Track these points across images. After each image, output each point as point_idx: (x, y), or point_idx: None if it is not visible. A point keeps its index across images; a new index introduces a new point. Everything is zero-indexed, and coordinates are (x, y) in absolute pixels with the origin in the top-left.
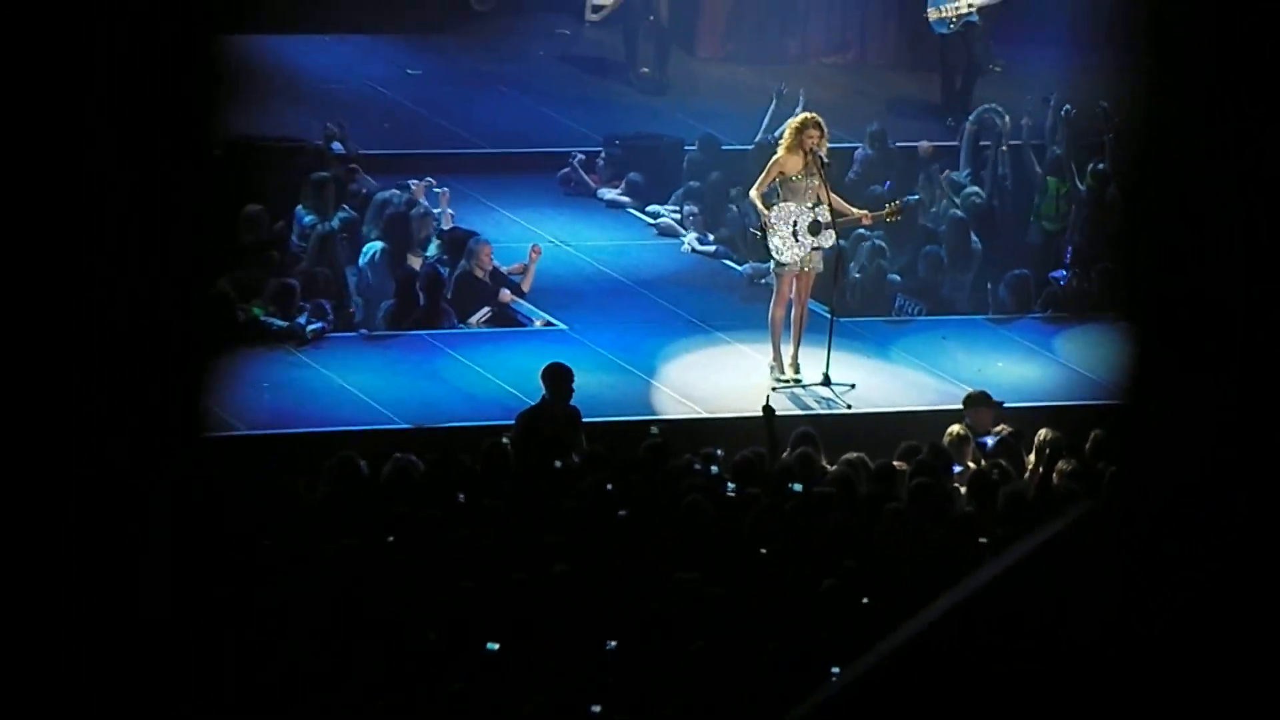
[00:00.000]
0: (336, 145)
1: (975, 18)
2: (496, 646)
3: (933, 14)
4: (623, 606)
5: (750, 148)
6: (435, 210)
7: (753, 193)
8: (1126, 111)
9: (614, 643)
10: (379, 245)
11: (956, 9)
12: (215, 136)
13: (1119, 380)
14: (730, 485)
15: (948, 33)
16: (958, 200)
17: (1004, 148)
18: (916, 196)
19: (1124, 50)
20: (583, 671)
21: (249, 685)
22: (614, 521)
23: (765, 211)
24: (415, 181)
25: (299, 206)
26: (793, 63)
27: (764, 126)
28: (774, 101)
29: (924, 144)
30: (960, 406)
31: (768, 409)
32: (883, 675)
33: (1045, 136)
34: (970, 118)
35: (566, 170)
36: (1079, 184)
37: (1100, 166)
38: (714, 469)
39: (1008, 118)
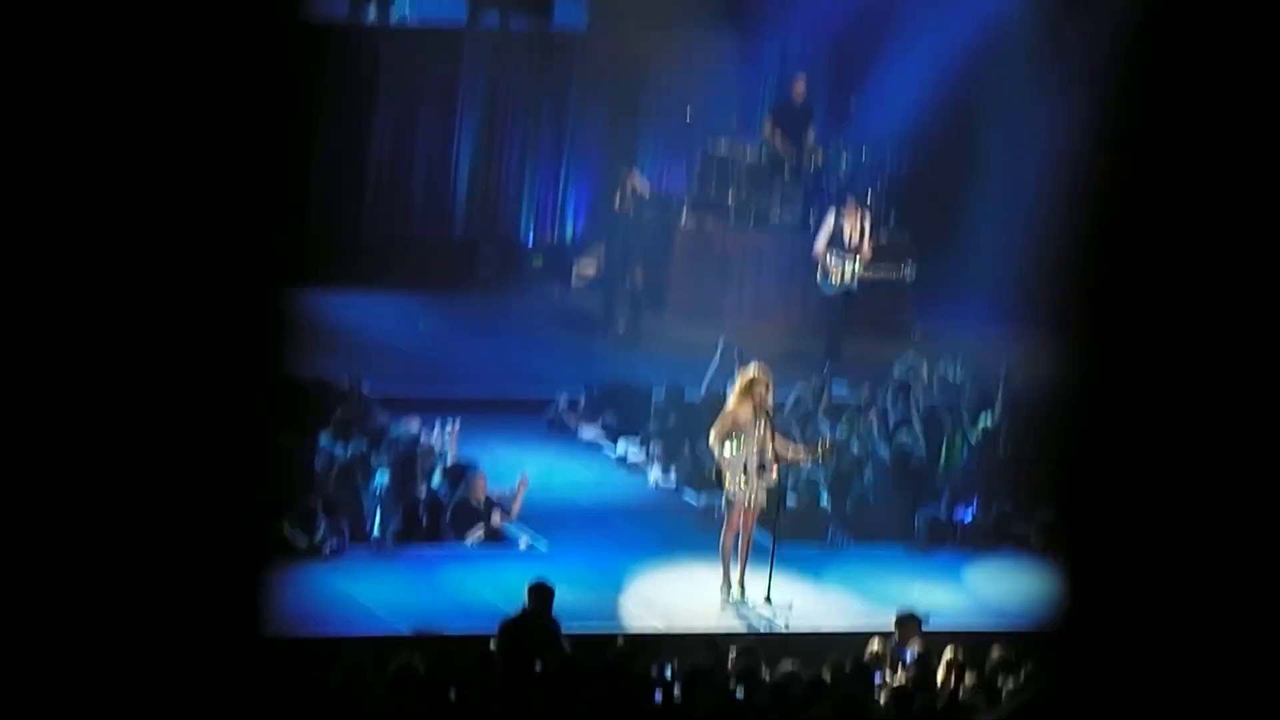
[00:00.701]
0: (354, 387)
1: (856, 288)
2: None
3: (820, 278)
4: None
5: (700, 398)
6: (445, 444)
7: (711, 438)
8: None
9: None
10: (385, 475)
11: (841, 275)
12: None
13: (1028, 608)
14: (678, 689)
15: (830, 294)
16: (887, 442)
17: (917, 397)
18: (840, 434)
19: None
20: None
21: None
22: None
23: (721, 457)
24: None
25: (323, 436)
26: (744, 323)
27: (706, 381)
28: (715, 360)
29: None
30: (883, 625)
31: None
32: None
33: (951, 393)
34: (897, 369)
35: (551, 414)
36: (969, 437)
37: (988, 423)
38: (667, 673)
39: (925, 371)
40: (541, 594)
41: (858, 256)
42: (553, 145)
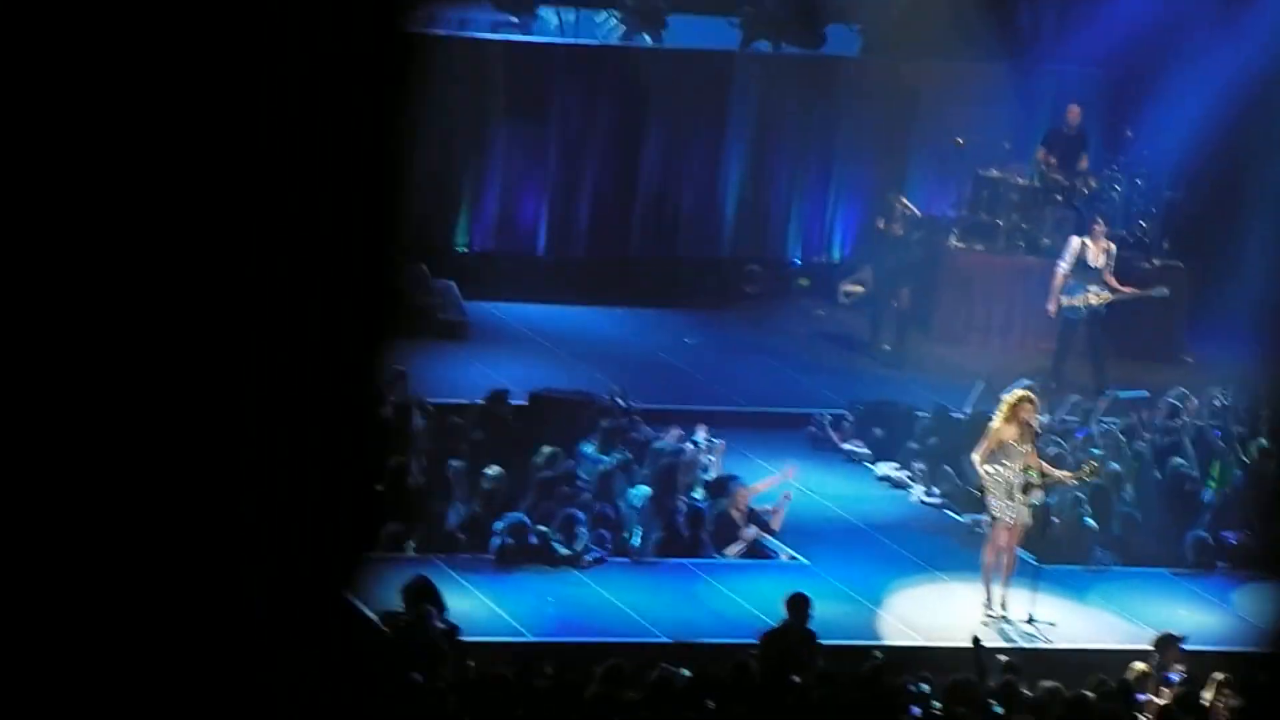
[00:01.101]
0: (620, 400)
1: (1104, 311)
2: None
3: (1064, 300)
4: None
5: (964, 417)
6: (709, 459)
7: (975, 457)
8: None
9: None
10: (647, 490)
11: (1086, 300)
12: None
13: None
14: (936, 704)
15: (1074, 319)
16: (1157, 464)
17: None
18: (1100, 453)
19: None
20: None
21: None
22: None
23: (984, 474)
24: (700, 437)
25: (585, 445)
26: (1011, 347)
27: (972, 400)
28: (981, 383)
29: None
30: (1146, 646)
31: (976, 640)
32: None
33: (1222, 417)
34: (1171, 394)
35: (813, 428)
36: (1243, 457)
37: (1263, 443)
38: (925, 688)
39: (1194, 400)
40: (800, 605)
41: (1099, 281)
42: (821, 166)
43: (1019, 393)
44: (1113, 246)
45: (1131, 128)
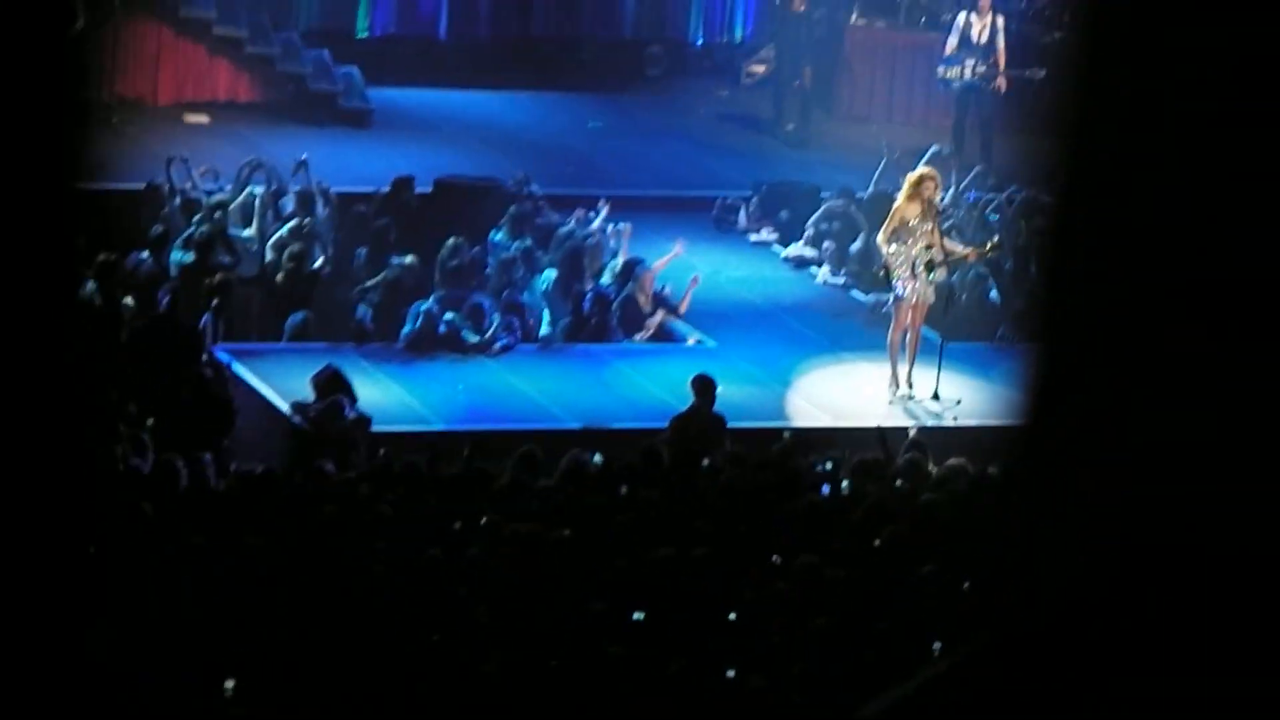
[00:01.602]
0: (525, 186)
1: (983, 85)
2: (642, 616)
3: (940, 71)
4: (752, 585)
5: (866, 195)
6: (615, 243)
7: (879, 237)
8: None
9: (734, 615)
10: (553, 273)
11: (960, 73)
12: None
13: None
14: (845, 483)
15: (955, 91)
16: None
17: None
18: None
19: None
20: (720, 640)
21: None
22: (749, 511)
23: (888, 253)
24: (606, 220)
25: (494, 233)
26: (914, 123)
27: (874, 179)
28: (884, 159)
29: None
30: None
31: (880, 432)
32: None
33: None
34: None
35: (719, 212)
36: None
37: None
38: (830, 466)
39: None
40: (706, 387)
41: (987, 55)
42: None
43: (921, 170)
44: (1000, 20)
45: None
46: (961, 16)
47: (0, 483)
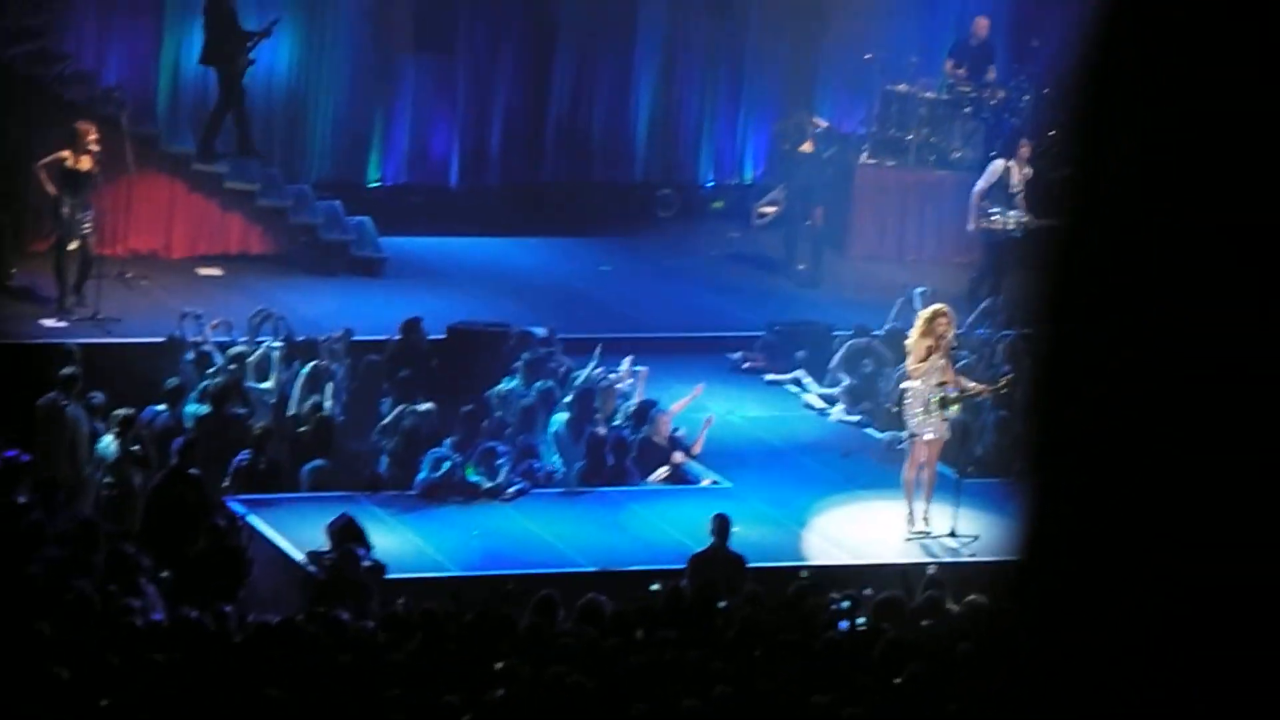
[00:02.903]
0: (539, 330)
1: (1019, 233)
2: None
3: (986, 223)
4: None
5: (882, 333)
6: (631, 385)
7: (909, 375)
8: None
9: None
10: (564, 415)
11: (1005, 224)
12: None
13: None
14: (861, 620)
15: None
16: None
17: None
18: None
19: None
20: None
21: None
22: (765, 648)
23: (904, 390)
24: (623, 367)
25: (508, 380)
26: (927, 261)
27: (891, 316)
28: (902, 298)
29: None
30: None
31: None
32: None
33: None
34: None
35: (738, 355)
36: None
37: None
38: (847, 604)
39: None
40: (723, 526)
41: (1020, 203)
42: (731, 87)
43: (935, 307)
44: (1030, 170)
45: (1038, 37)
46: (999, 164)
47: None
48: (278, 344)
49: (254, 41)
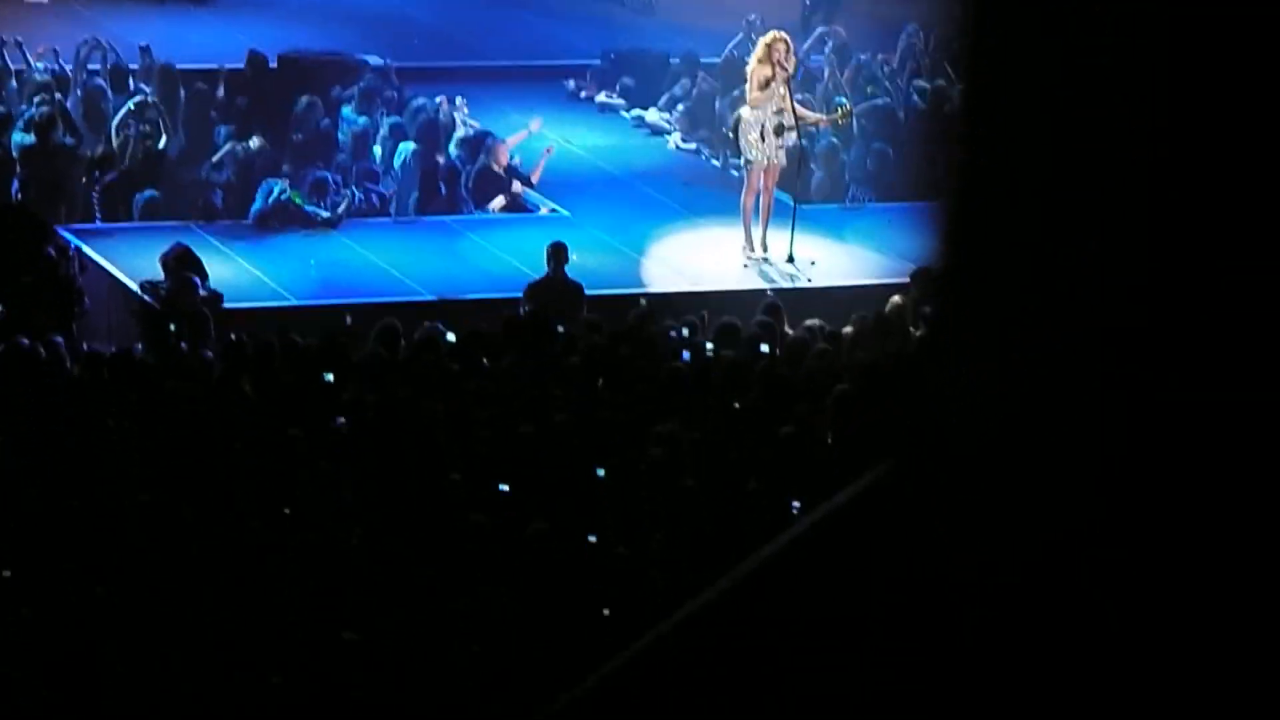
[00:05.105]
0: (375, 59)
1: None
2: (507, 487)
3: None
4: (613, 451)
5: (719, 61)
6: (459, 116)
7: (747, 104)
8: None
9: (602, 472)
10: (411, 145)
11: None
12: None
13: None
14: (708, 345)
15: None
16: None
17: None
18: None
19: None
20: (581, 506)
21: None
22: (608, 377)
23: (740, 117)
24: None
25: (345, 108)
26: None
27: (730, 46)
28: (744, 29)
29: None
30: (903, 280)
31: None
32: (656, 661)
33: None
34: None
35: (570, 82)
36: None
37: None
38: (686, 332)
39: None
40: (560, 253)
41: None
42: None
43: (773, 33)
44: None
45: None
46: None
47: None
48: (105, 72)
49: None
